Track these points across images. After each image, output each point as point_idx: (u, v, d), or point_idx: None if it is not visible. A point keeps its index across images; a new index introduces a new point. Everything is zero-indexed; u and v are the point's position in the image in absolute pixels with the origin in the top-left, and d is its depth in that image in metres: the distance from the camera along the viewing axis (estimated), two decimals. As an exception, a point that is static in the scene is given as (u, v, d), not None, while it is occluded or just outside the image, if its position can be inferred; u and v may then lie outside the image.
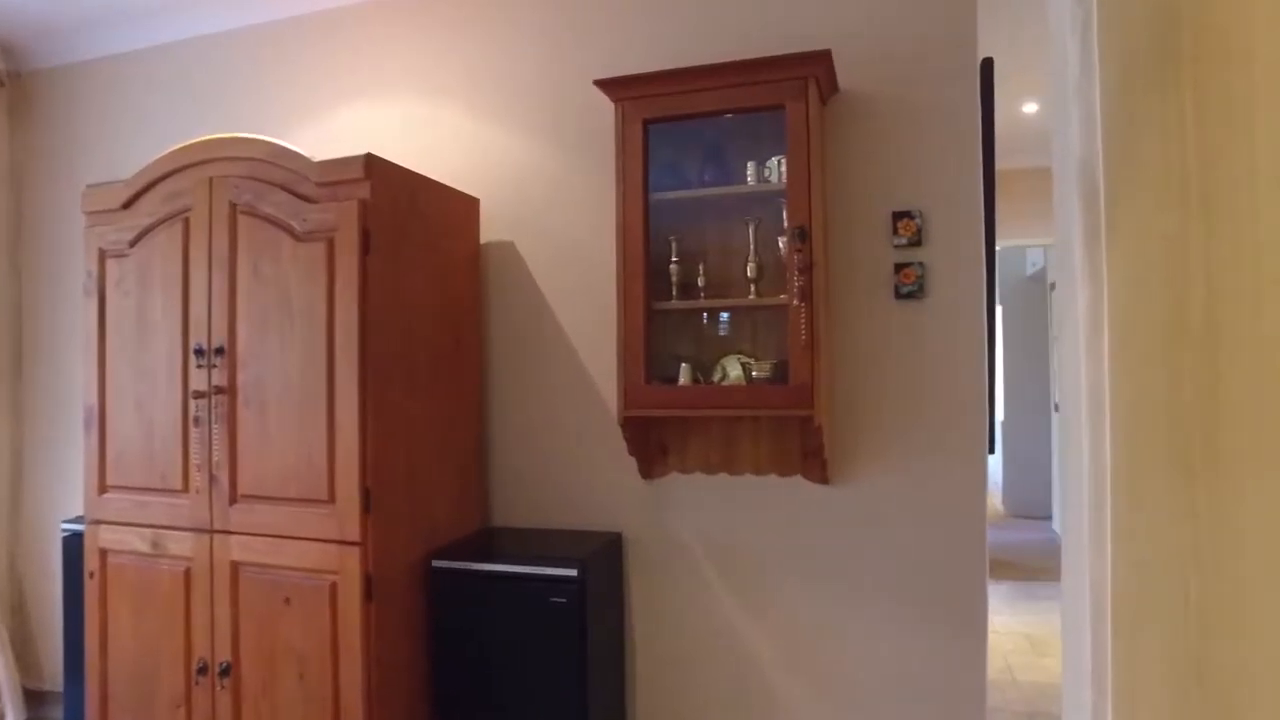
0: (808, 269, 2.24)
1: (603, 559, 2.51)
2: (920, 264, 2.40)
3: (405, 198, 2.38)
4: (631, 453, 2.57)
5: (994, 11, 2.81)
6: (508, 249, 2.84)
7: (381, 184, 2.24)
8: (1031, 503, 7.62)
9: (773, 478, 2.56)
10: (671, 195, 2.48)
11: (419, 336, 2.43)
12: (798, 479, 2.54)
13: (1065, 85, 1.14)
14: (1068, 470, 1.16)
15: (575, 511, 2.74)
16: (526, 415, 2.81)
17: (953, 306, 2.39)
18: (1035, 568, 5.85)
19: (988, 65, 2.46)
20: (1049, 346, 7.20)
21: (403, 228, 2.36)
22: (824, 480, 2.49)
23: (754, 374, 2.47)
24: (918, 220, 2.40)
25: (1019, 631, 4.61)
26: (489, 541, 2.62)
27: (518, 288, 2.83)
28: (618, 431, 2.55)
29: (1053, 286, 6.36)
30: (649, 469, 2.67)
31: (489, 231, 2.84)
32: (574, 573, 2.29)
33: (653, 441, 2.67)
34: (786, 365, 2.34)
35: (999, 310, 6.77)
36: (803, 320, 2.25)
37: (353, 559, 2.15)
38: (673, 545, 2.65)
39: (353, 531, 2.16)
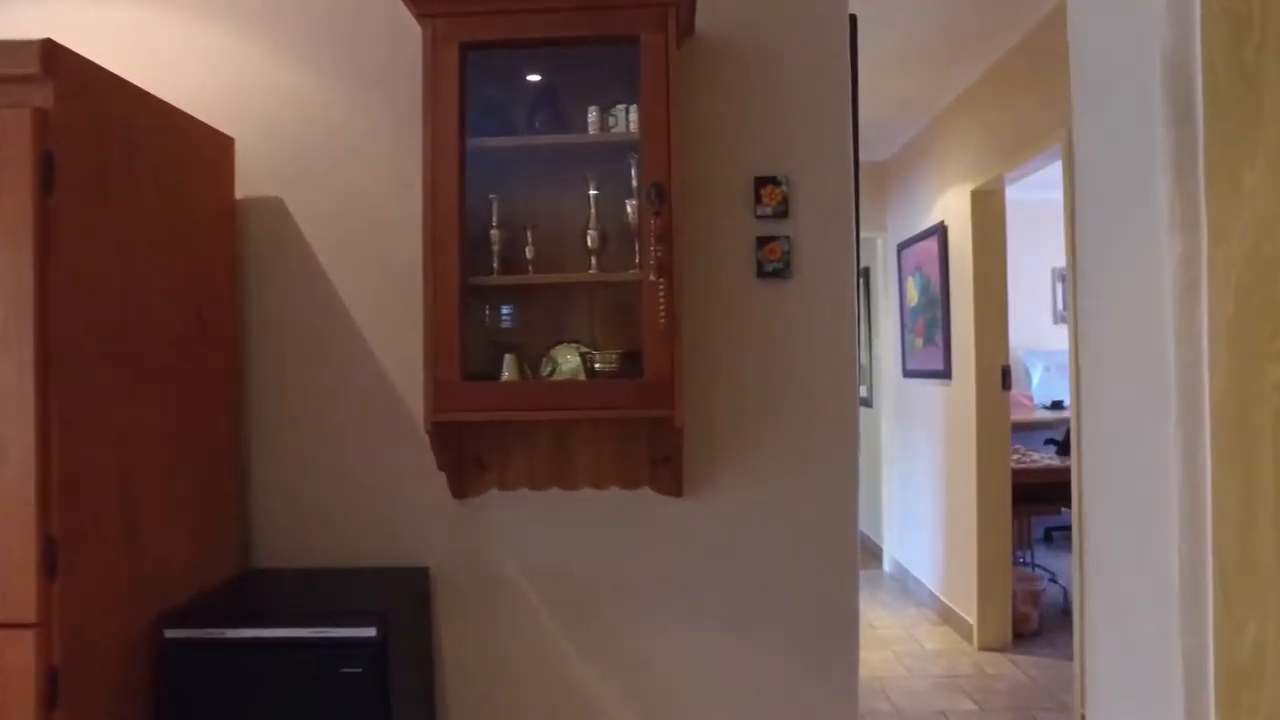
0: (667, 236, 1.84)
1: (408, 605, 1.96)
2: (786, 238, 2.09)
3: (120, 119, 1.70)
4: (441, 467, 2.04)
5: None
6: (275, 208, 2.19)
7: (76, 91, 1.56)
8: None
9: (615, 491, 2.14)
10: (494, 143, 1.98)
11: (142, 315, 1.75)
12: (645, 492, 2.13)
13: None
14: (1115, 490, 0.83)
15: (370, 544, 2.15)
16: (302, 423, 2.18)
17: (822, 288, 2.10)
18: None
19: (852, 22, 2.20)
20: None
21: (116, 161, 1.67)
22: (677, 492, 2.11)
23: (596, 366, 2.03)
24: (784, 188, 2.08)
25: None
26: (251, 594, 1.96)
27: (289, 258, 2.19)
28: (424, 442, 2.01)
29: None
30: (462, 486, 2.15)
31: (249, 183, 2.18)
32: (372, 632, 1.71)
33: (468, 452, 2.15)
34: (638, 355, 1.93)
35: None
36: (661, 300, 1.85)
37: (23, 649, 1.44)
38: (493, 579, 2.15)
39: (23, 608, 1.45)
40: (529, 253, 2.04)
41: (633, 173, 1.98)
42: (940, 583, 4.72)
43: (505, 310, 2.13)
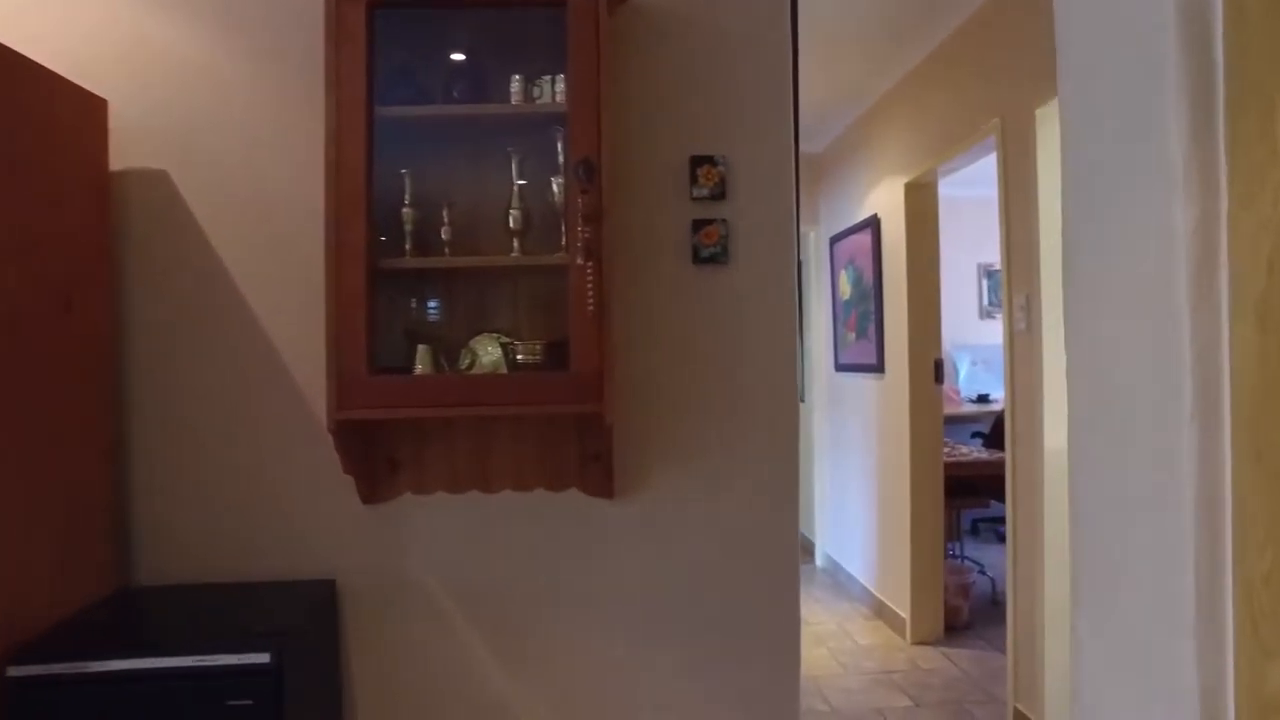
0: (596, 217, 1.69)
1: (310, 624, 1.76)
2: (724, 221, 1.96)
3: (-43, 72, 1.46)
4: (348, 470, 1.85)
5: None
6: (158, 182, 1.95)
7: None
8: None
9: (541, 493, 1.98)
10: (406, 112, 1.80)
11: (-11, 300, 1.52)
12: (574, 493, 1.98)
13: None
14: (1110, 497, 0.72)
15: (269, 556, 1.94)
16: (191, 423, 1.95)
17: (761, 275, 1.98)
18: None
19: (791, -4, 2.09)
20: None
21: (-48, 120, 1.44)
22: (608, 494, 1.96)
23: (519, 358, 1.87)
24: (721, 168, 1.96)
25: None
26: (125, 619, 1.74)
27: (175, 238, 1.96)
28: (329, 442, 1.81)
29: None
30: (372, 490, 1.96)
31: (126, 154, 1.94)
32: (265, 658, 1.51)
33: (378, 453, 1.96)
34: (565, 346, 1.78)
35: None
36: (589, 286, 1.70)
37: None
38: (407, 590, 1.97)
39: None
40: (445, 233, 1.86)
41: (559, 148, 1.83)
42: (873, 577, 4.71)
43: (418, 297, 1.95)
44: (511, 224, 1.84)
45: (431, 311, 1.96)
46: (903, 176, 4.15)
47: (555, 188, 1.85)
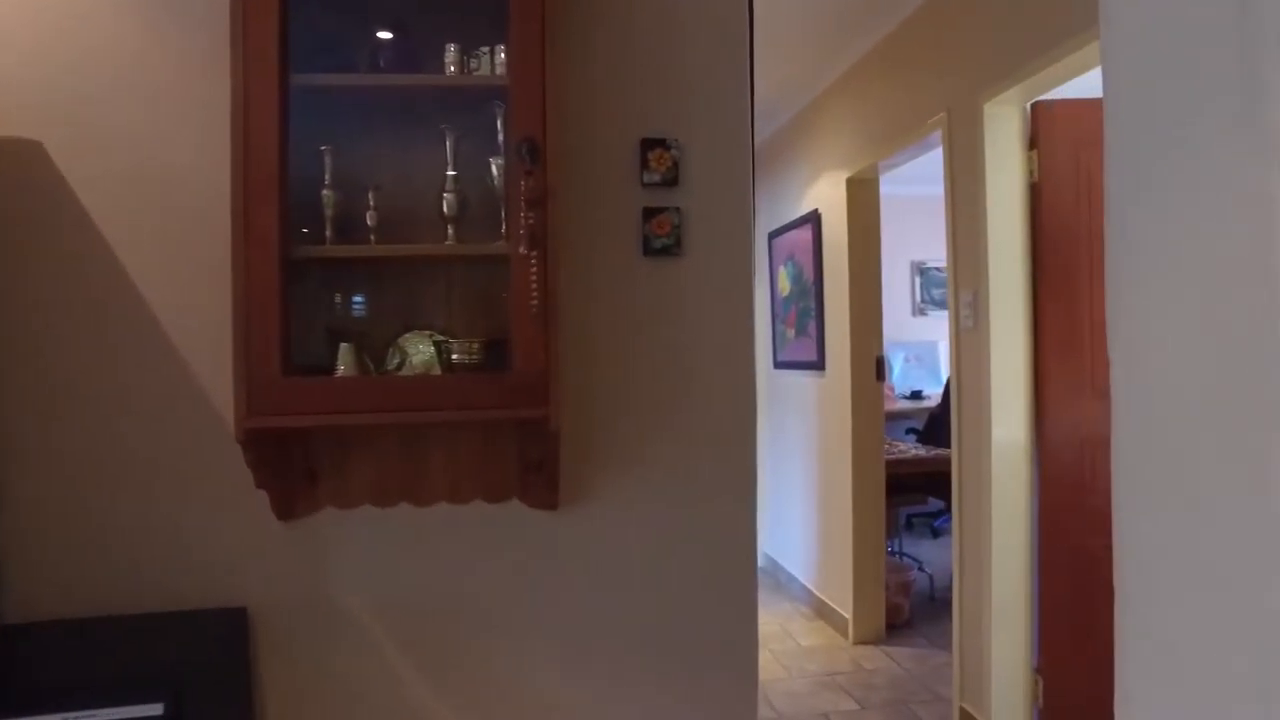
0: (541, 201, 1.53)
1: (216, 661, 1.55)
2: (677, 210, 1.82)
3: None
4: (261, 484, 1.65)
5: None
6: (32, 155, 1.70)
7: None
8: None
9: (479, 506, 1.81)
10: (325, 81, 1.61)
11: None
12: (515, 505, 1.82)
13: None
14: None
15: (168, 582, 1.72)
16: (75, 434, 1.71)
17: (717, 267, 1.85)
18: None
19: (747, -30, 1.96)
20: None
21: None
22: (551, 505, 1.81)
23: (454, 358, 1.70)
24: (674, 152, 1.82)
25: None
26: (-10, 654, 1.50)
27: (54, 221, 1.71)
28: (238, 453, 1.60)
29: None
30: (289, 505, 1.76)
31: (-5, 123, 1.68)
32: (159, 709, 1.30)
33: (295, 464, 1.76)
34: (505, 345, 1.62)
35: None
36: (533, 277, 1.53)
37: None
38: (329, 616, 1.77)
39: None
40: (371, 219, 1.67)
41: (499, 126, 1.66)
42: (814, 577, 4.66)
43: (341, 289, 1.76)
44: (446, 209, 1.66)
45: (356, 306, 1.77)
46: (845, 171, 4.09)
47: (495, 170, 1.68)
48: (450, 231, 1.66)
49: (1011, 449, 2.88)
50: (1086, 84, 2.81)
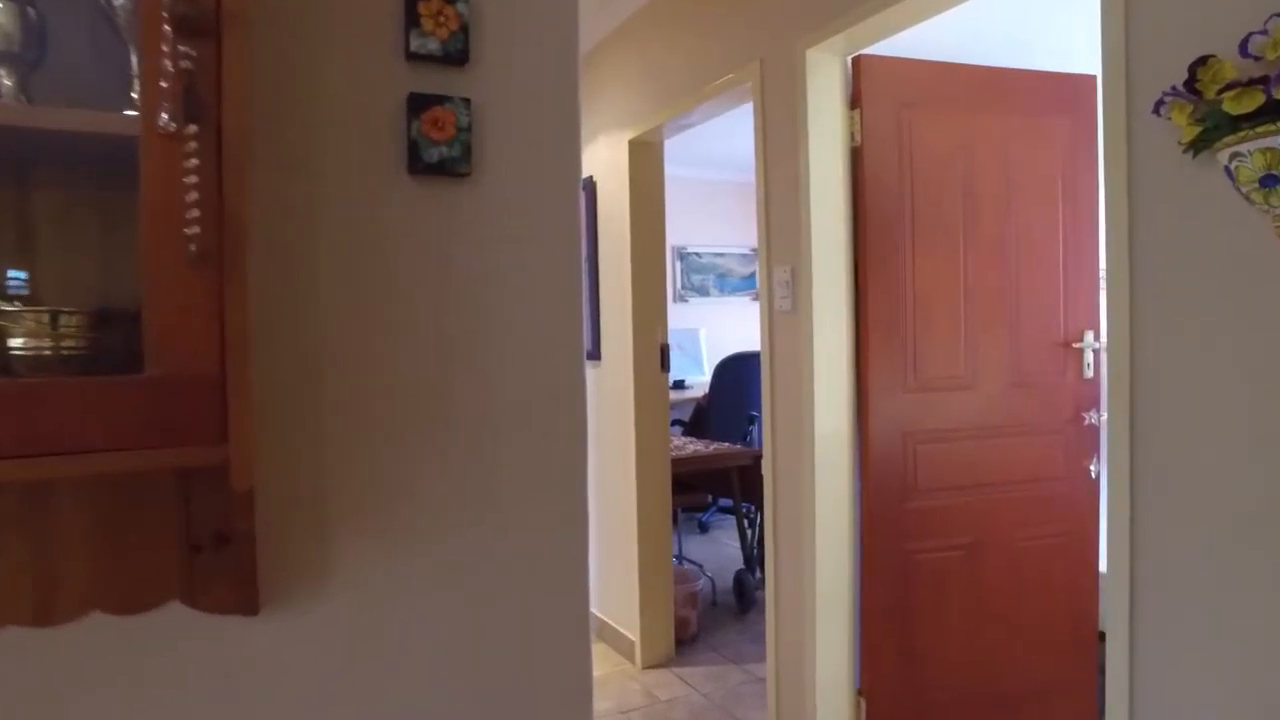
0: (209, 28, 0.75)
1: None
2: (465, 102, 1.11)
3: None
4: None
5: None
6: None
7: None
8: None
9: (102, 622, 0.98)
10: None
11: None
12: (175, 612, 1.01)
13: None
14: None
15: None
16: None
17: (528, 198, 1.17)
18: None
19: None
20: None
21: None
22: (247, 607, 1.02)
23: (33, 349, 0.86)
24: (462, 5, 1.10)
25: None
26: None
27: None
28: None
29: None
30: None
31: None
32: None
33: None
34: (136, 322, 0.82)
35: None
36: (191, 185, 0.76)
37: None
38: None
39: None
40: None
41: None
42: (595, 596, 4.10)
43: None
44: (4, 45, 0.82)
45: None
46: (628, 131, 3.55)
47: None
48: (9, 85, 0.82)
49: (834, 443, 2.51)
50: (905, 43, 2.50)
